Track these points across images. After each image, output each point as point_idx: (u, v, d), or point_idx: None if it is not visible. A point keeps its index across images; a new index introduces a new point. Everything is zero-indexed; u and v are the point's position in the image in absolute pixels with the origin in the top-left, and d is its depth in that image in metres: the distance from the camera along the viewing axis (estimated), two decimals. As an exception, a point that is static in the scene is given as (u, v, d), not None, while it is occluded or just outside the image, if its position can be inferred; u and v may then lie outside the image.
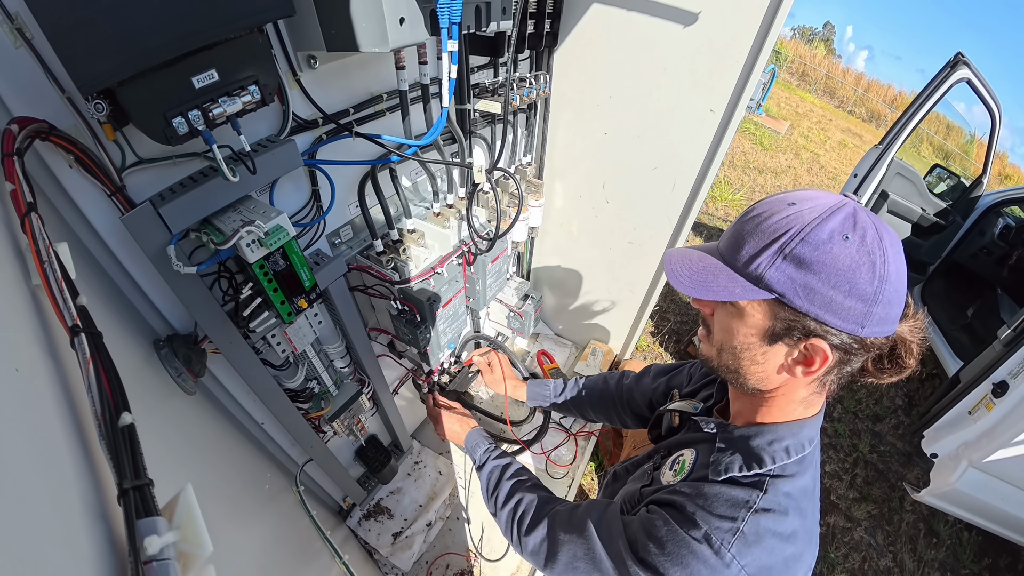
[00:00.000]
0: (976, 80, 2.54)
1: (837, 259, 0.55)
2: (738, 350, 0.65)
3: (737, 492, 0.66)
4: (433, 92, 0.92)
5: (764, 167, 6.43)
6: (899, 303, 0.57)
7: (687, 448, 0.80)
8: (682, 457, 0.79)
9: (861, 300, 0.55)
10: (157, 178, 0.68)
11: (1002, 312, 2.96)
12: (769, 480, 0.66)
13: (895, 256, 0.56)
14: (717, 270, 0.63)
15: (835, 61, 24.86)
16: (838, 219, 0.56)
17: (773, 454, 0.67)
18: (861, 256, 0.55)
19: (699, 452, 0.77)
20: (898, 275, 0.56)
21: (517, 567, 1.57)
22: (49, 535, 0.30)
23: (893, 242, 0.57)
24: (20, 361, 0.38)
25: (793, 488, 0.66)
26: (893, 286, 0.55)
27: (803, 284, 0.56)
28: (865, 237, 0.55)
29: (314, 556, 1.08)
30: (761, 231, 0.59)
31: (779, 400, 0.68)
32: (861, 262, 0.55)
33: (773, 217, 0.59)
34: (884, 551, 2.21)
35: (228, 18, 0.54)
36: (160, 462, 0.46)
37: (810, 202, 0.58)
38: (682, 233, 1.56)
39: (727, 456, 0.70)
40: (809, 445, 0.68)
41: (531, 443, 1.65)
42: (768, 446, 0.67)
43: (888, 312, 0.56)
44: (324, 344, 1.09)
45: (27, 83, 0.53)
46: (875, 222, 0.57)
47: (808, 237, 0.56)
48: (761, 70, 1.15)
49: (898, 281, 0.56)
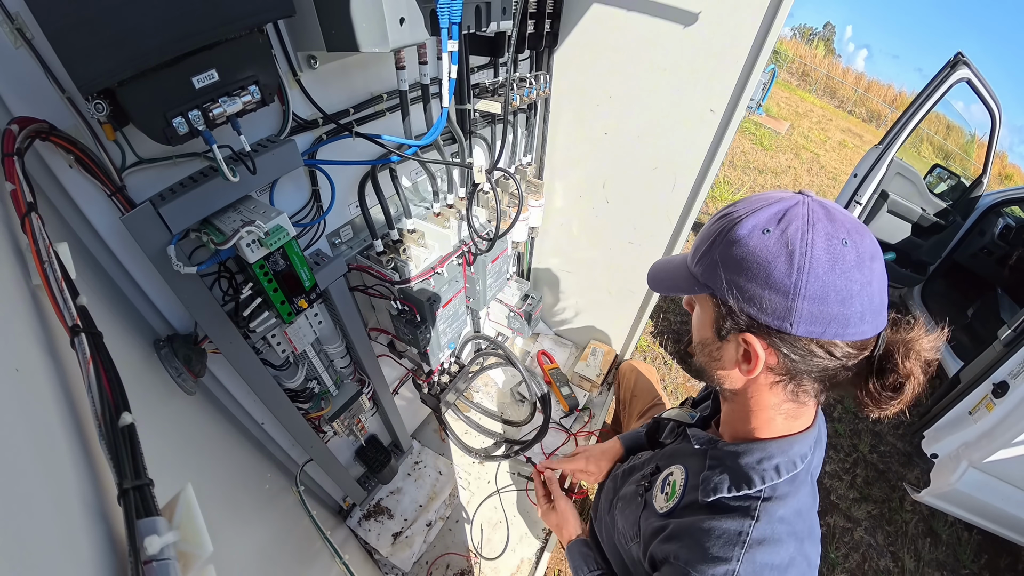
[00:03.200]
0: (976, 80, 2.54)
1: (754, 252, 0.55)
2: (700, 346, 0.68)
3: (729, 524, 0.64)
4: (433, 92, 0.92)
5: (764, 167, 6.42)
6: (839, 301, 0.53)
7: (677, 465, 0.79)
8: (672, 477, 0.78)
9: (779, 293, 0.54)
10: (157, 178, 0.68)
11: (1002, 312, 2.96)
12: (760, 505, 0.64)
13: (826, 250, 0.53)
14: (677, 269, 0.67)
15: (835, 61, 24.86)
16: (765, 215, 0.56)
17: (763, 473, 0.65)
18: (778, 248, 0.54)
19: (688, 470, 0.76)
20: (830, 269, 0.52)
21: (517, 567, 1.57)
22: (49, 535, 0.30)
23: (830, 235, 0.53)
24: (20, 361, 0.38)
25: (787, 511, 0.64)
26: (820, 280, 0.52)
27: (727, 278, 0.58)
28: (787, 229, 0.54)
29: (314, 556, 1.08)
30: (707, 231, 0.62)
31: (756, 411, 0.67)
32: (777, 254, 0.54)
33: (721, 219, 0.60)
34: (884, 551, 2.22)
35: (228, 18, 0.54)
36: (160, 462, 0.46)
37: (757, 202, 0.59)
38: (682, 233, 1.56)
39: (716, 475, 0.69)
40: (801, 462, 0.66)
41: (531, 443, 1.65)
42: (757, 464, 0.66)
43: (822, 310, 0.53)
44: (324, 344, 1.09)
45: (27, 83, 0.53)
46: (811, 216, 0.54)
47: (731, 233, 0.57)
48: (761, 70, 1.15)
49: (830, 275, 0.52)
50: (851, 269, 0.53)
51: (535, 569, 1.55)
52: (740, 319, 0.58)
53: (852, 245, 0.53)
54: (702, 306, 0.65)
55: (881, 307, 0.55)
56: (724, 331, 0.61)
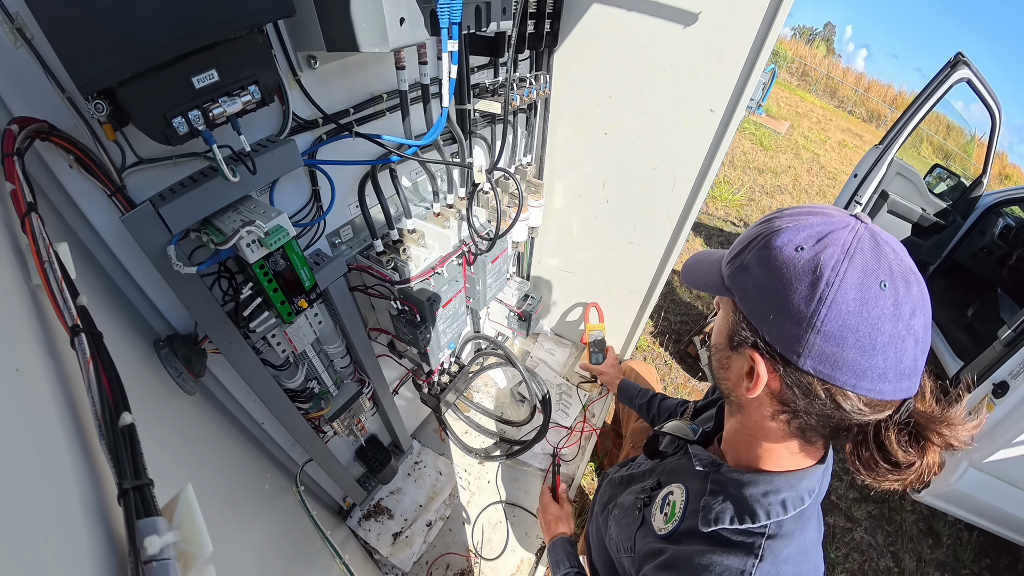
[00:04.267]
0: (976, 80, 2.54)
1: (780, 267, 0.50)
2: (715, 349, 0.65)
3: (730, 560, 0.60)
4: (433, 92, 0.92)
5: (764, 167, 6.42)
6: (858, 348, 0.47)
7: (678, 484, 0.77)
8: (672, 497, 0.75)
9: (792, 319, 0.49)
10: (157, 178, 0.68)
11: (1002, 312, 2.96)
12: (765, 543, 0.60)
13: (858, 287, 0.47)
14: (712, 266, 0.64)
15: (835, 61, 24.87)
16: (807, 232, 0.51)
17: (768, 508, 0.61)
18: (804, 270, 0.49)
19: (689, 492, 0.73)
20: (856, 310, 0.46)
21: (517, 567, 1.57)
22: (49, 535, 0.30)
23: (868, 272, 0.47)
24: (20, 361, 0.38)
25: (792, 550, 0.60)
26: (841, 319, 0.47)
27: (746, 288, 0.54)
28: (821, 253, 0.49)
29: (314, 556, 1.08)
30: (748, 233, 0.58)
31: (761, 439, 0.63)
32: (802, 276, 0.49)
33: (765, 222, 0.57)
34: (884, 551, 2.21)
35: (228, 18, 0.54)
36: (160, 462, 0.46)
37: (806, 215, 0.54)
38: (682, 233, 1.56)
39: (718, 503, 0.65)
40: (809, 497, 0.62)
41: (531, 443, 1.65)
42: (763, 498, 0.62)
43: (835, 352, 0.47)
44: (324, 344, 1.09)
45: (27, 83, 0.53)
46: (854, 245, 0.48)
47: (767, 243, 0.53)
48: (761, 70, 1.15)
49: (854, 317, 0.47)
50: (883, 317, 0.47)
51: (535, 569, 1.55)
52: (751, 334, 0.55)
53: (892, 291, 0.47)
54: (724, 309, 0.62)
55: (913, 371, 0.49)
56: (735, 342, 0.58)
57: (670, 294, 3.42)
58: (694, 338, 2.72)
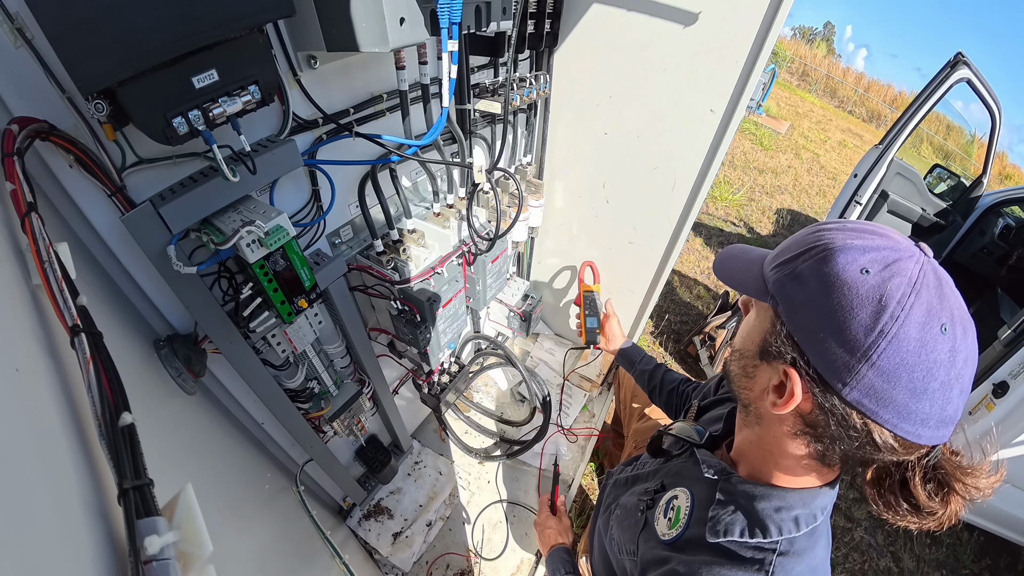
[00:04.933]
0: (976, 80, 2.54)
1: (839, 286, 0.47)
2: (739, 354, 0.61)
3: (739, 574, 0.58)
4: (433, 92, 0.92)
5: (764, 167, 6.42)
6: (909, 390, 0.45)
7: (683, 488, 0.75)
8: (676, 501, 0.73)
9: (847, 347, 0.46)
10: (157, 178, 0.68)
11: (1002, 312, 2.96)
12: (776, 559, 0.58)
13: (921, 327, 0.44)
14: (750, 265, 0.59)
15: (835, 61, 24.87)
16: (873, 254, 0.47)
17: (780, 523, 0.59)
18: (869, 296, 0.45)
19: (695, 498, 0.71)
20: (916, 350, 0.44)
21: (517, 567, 1.57)
22: (49, 535, 0.30)
23: (932, 312, 0.44)
24: (20, 361, 0.38)
25: (803, 568, 0.58)
26: (900, 356, 0.44)
27: (796, 300, 0.50)
28: (889, 281, 0.45)
29: (314, 556, 1.08)
30: (800, 240, 0.54)
31: (777, 455, 0.61)
32: (866, 302, 0.45)
33: (819, 231, 0.52)
34: (884, 551, 2.21)
35: (228, 18, 0.54)
36: (160, 462, 0.46)
37: (868, 234, 0.49)
38: (682, 233, 1.56)
39: (727, 514, 0.63)
40: (822, 514, 0.60)
41: (531, 443, 1.65)
42: (776, 513, 0.60)
43: (886, 389, 0.45)
44: (324, 344, 1.09)
45: (27, 83, 0.53)
46: (921, 280, 0.45)
47: (827, 256, 0.49)
48: (761, 70, 1.15)
49: (912, 356, 0.44)
50: (939, 363, 0.44)
51: (535, 569, 1.56)
52: (791, 349, 0.51)
53: (951, 337, 0.45)
54: (759, 314, 0.58)
55: (952, 419, 0.47)
56: (770, 353, 0.54)
57: (670, 294, 3.42)
58: (694, 338, 2.72)
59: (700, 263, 3.88)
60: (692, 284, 3.61)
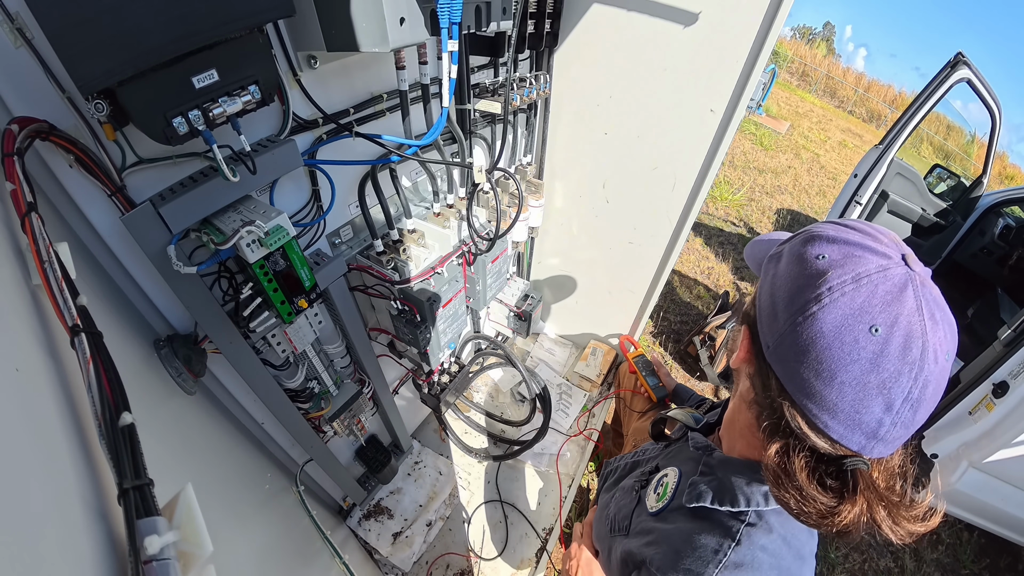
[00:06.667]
0: (976, 80, 2.54)
1: (798, 264, 0.52)
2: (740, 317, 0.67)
3: (707, 539, 0.61)
4: (433, 92, 0.92)
5: (764, 167, 6.42)
6: (816, 372, 0.47)
7: (673, 467, 0.79)
8: (666, 478, 0.78)
9: (782, 314, 0.50)
10: (157, 178, 0.68)
11: (1002, 312, 2.96)
12: (744, 528, 0.60)
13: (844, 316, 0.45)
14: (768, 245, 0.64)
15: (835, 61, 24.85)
16: (839, 246, 0.50)
17: (749, 495, 0.61)
18: (812, 273, 0.49)
19: (682, 474, 0.75)
20: (833, 338, 0.46)
21: (517, 567, 1.57)
22: (49, 535, 0.30)
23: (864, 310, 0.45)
24: (20, 361, 0.38)
25: (770, 543, 0.59)
26: (813, 337, 0.47)
27: (768, 273, 0.57)
28: (835, 268, 0.48)
29: (314, 556, 1.08)
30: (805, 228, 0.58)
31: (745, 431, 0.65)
32: (809, 279, 0.49)
33: (819, 223, 0.57)
34: (884, 551, 2.22)
35: (228, 18, 0.54)
36: (160, 462, 0.46)
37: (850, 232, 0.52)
38: (682, 233, 1.56)
39: (703, 483, 0.67)
40: None
41: (531, 443, 1.65)
42: (746, 485, 0.62)
43: (795, 364, 0.48)
44: (324, 344, 1.09)
45: (27, 83, 0.53)
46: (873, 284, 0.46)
47: (805, 239, 0.54)
48: (761, 70, 1.15)
49: (827, 341, 0.46)
50: (854, 359, 0.45)
51: (535, 569, 1.55)
52: (751, 312, 0.58)
53: (881, 341, 0.45)
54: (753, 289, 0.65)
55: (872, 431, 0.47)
56: (742, 316, 0.61)
57: (670, 294, 3.42)
58: (694, 338, 2.72)
59: (700, 263, 3.88)
60: (692, 284, 3.61)
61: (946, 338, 0.46)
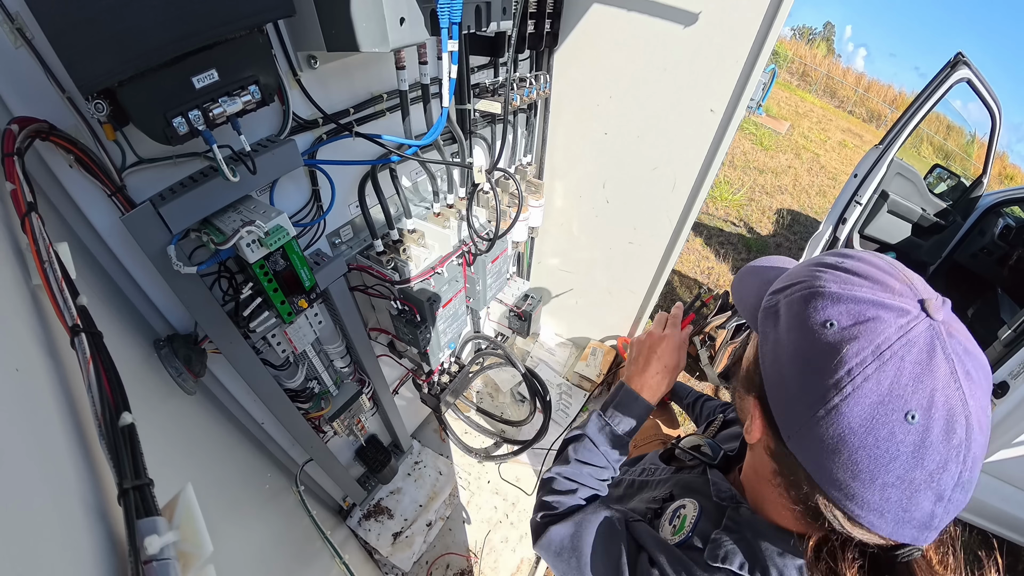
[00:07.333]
0: (976, 80, 2.54)
1: (803, 333, 0.44)
2: (737, 377, 0.58)
3: None
4: (433, 92, 0.92)
5: (764, 167, 6.42)
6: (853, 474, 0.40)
7: (691, 499, 0.71)
8: (683, 511, 0.71)
9: (797, 399, 0.43)
10: (157, 178, 0.68)
11: (1002, 312, 2.96)
12: None
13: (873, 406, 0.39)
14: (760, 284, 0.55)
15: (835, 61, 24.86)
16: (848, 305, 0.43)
17: (782, 569, 0.54)
18: (826, 352, 0.41)
19: (702, 511, 0.68)
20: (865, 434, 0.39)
21: (517, 567, 1.57)
22: (49, 535, 0.30)
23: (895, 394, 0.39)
24: (20, 361, 0.38)
25: None
26: (841, 434, 0.40)
27: (768, 336, 0.48)
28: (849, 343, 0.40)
29: (314, 556, 1.08)
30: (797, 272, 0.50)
31: (770, 496, 0.57)
32: (821, 357, 0.42)
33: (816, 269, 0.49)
34: (884, 551, 2.21)
35: (228, 18, 0.54)
36: (160, 462, 0.46)
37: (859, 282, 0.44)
38: (682, 233, 1.56)
39: (729, 542, 0.59)
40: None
41: (531, 443, 1.65)
42: (779, 557, 0.55)
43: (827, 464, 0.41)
44: (324, 344, 1.09)
45: (27, 83, 0.53)
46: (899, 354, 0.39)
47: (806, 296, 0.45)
48: (761, 70, 1.15)
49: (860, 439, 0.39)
50: (894, 455, 0.39)
51: (535, 569, 1.55)
52: (760, 385, 0.49)
53: (922, 429, 0.39)
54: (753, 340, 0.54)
55: (925, 525, 0.41)
56: (746, 381, 0.53)
57: (670, 294, 3.42)
58: (694, 338, 2.72)
59: (700, 263, 3.88)
60: (692, 284, 3.61)
61: (983, 391, 0.40)
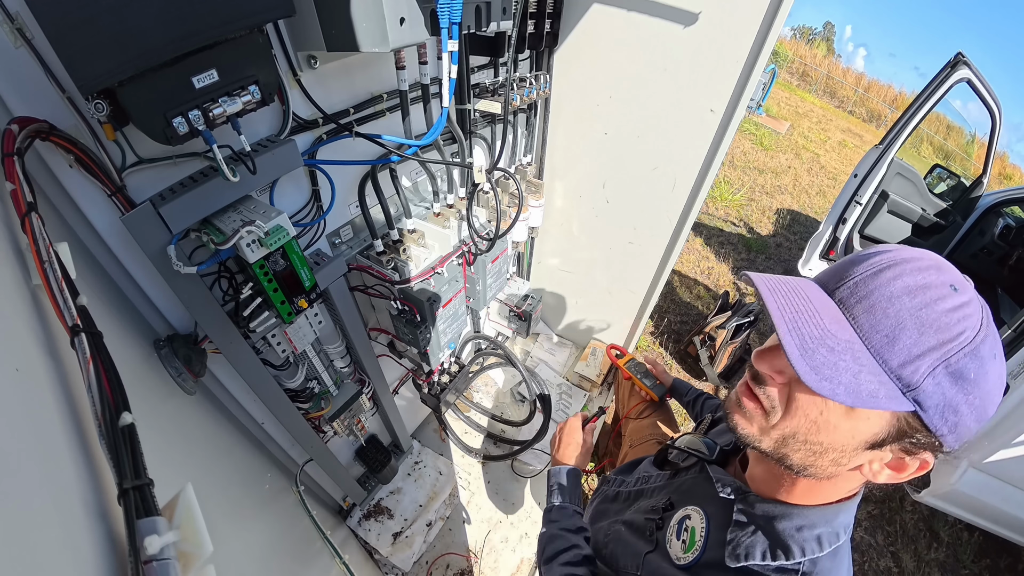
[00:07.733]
0: (976, 80, 2.54)
1: (989, 379, 0.45)
2: (821, 449, 0.51)
3: None
4: (433, 92, 0.92)
5: (764, 167, 6.42)
6: (979, 422, 0.49)
7: (695, 507, 0.70)
8: (689, 522, 0.69)
9: (979, 422, 0.47)
10: (157, 178, 0.68)
11: (1002, 312, 2.96)
12: None
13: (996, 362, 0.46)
14: (856, 356, 0.46)
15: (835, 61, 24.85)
16: (992, 328, 0.46)
17: (803, 544, 0.55)
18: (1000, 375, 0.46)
19: (711, 520, 0.67)
20: (997, 388, 0.47)
21: (517, 567, 1.57)
22: (49, 535, 0.30)
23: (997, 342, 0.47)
24: (20, 361, 0.38)
25: None
26: (984, 394, 0.47)
27: (951, 402, 0.45)
28: (999, 350, 0.46)
29: (314, 556, 1.08)
30: (927, 322, 0.44)
31: (821, 483, 0.56)
32: (999, 383, 0.46)
33: (939, 304, 0.45)
34: (884, 551, 2.21)
35: (228, 18, 0.54)
36: (160, 462, 0.46)
37: (968, 294, 0.46)
38: (682, 233, 1.56)
39: (747, 536, 0.59)
40: (845, 533, 0.57)
41: (531, 443, 1.65)
42: (797, 532, 0.56)
43: (967, 424, 0.48)
44: (324, 344, 1.09)
45: (27, 83, 0.53)
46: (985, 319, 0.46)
47: (978, 349, 0.44)
48: (761, 70, 1.15)
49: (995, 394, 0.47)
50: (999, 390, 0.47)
51: (535, 569, 1.55)
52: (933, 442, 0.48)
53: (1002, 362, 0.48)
54: (859, 414, 0.48)
55: None
56: (884, 444, 0.49)
57: (670, 294, 3.42)
58: (694, 338, 2.72)
59: (700, 263, 3.88)
60: (692, 284, 3.61)
61: None
